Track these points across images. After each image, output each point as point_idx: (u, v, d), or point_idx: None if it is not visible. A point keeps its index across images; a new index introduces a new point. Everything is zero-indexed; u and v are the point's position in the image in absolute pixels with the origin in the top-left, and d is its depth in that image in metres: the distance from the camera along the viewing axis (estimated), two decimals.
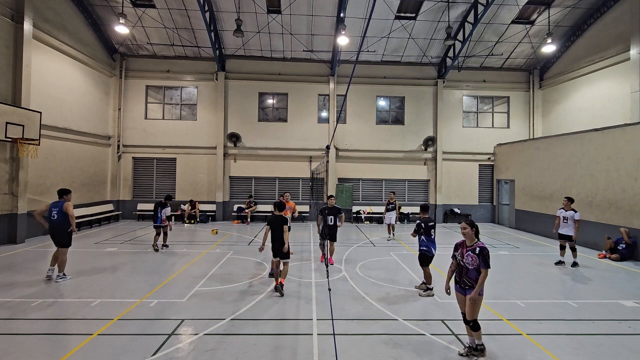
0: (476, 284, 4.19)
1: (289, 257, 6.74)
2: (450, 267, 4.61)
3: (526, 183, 15.09)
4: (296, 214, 10.95)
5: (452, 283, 4.60)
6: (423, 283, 6.91)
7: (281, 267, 6.74)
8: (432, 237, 6.74)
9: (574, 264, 8.90)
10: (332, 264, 8.74)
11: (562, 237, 8.97)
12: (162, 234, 10.27)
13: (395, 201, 12.55)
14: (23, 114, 10.44)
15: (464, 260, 4.33)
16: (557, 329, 5.32)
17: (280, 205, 6.87)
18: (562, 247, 9.05)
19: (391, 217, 12.41)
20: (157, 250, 10.05)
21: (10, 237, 10.58)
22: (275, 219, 6.70)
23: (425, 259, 6.69)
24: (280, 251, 6.59)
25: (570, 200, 8.99)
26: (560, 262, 9.07)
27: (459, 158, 17.76)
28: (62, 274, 7.28)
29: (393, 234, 12.54)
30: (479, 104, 18.34)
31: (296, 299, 6.37)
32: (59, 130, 12.90)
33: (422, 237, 6.72)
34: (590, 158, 11.65)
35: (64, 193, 7.52)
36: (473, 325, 4.27)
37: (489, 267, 4.17)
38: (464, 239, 4.41)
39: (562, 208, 9.01)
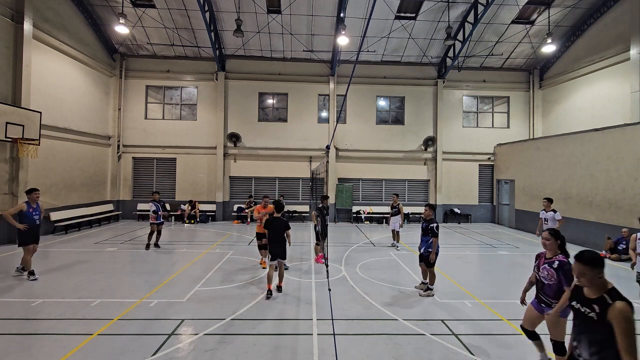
0: (554, 301, 3.75)
1: (286, 257, 6.71)
2: (530, 278, 4.21)
3: (526, 183, 15.09)
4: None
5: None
6: (423, 283, 6.88)
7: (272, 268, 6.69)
8: None
9: None
10: (320, 263, 8.80)
11: None
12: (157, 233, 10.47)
13: (399, 204, 11.12)
14: (23, 114, 10.44)
15: (540, 273, 3.91)
16: None
17: (279, 207, 6.84)
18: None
19: (395, 222, 11.03)
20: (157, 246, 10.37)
21: (10, 237, 10.57)
22: (274, 221, 6.63)
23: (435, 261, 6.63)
24: (281, 253, 6.54)
25: (550, 200, 8.95)
26: None
27: (459, 158, 17.76)
28: (21, 268, 7.43)
29: (396, 243, 11.18)
30: (479, 104, 18.34)
31: (296, 299, 6.37)
32: (59, 130, 12.90)
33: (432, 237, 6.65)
34: (590, 158, 11.65)
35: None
36: (556, 348, 3.75)
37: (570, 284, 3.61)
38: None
39: (543, 209, 8.98)
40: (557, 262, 3.72)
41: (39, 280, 7.19)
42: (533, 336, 4.08)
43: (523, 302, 4.27)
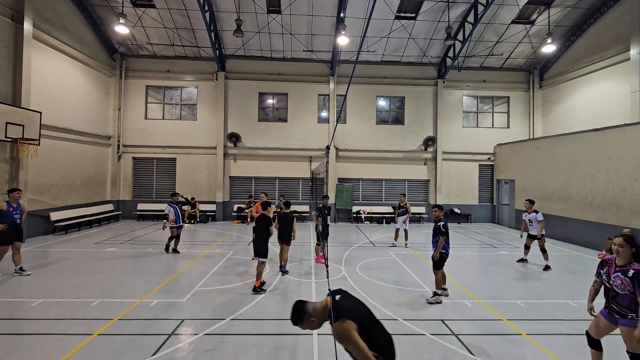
0: (630, 312, 3.47)
1: (266, 257, 6.88)
2: (593, 285, 3.95)
3: (526, 183, 15.09)
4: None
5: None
6: (443, 289, 6.62)
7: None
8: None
9: (546, 268, 8.67)
10: (321, 263, 8.82)
11: (530, 237, 9.10)
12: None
13: (406, 204, 11.32)
14: (23, 114, 10.44)
15: (611, 282, 3.60)
16: (557, 329, 5.32)
17: (264, 204, 7.18)
18: (527, 247, 9.26)
19: (403, 221, 11.34)
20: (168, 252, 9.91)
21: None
22: (260, 218, 6.88)
23: (442, 261, 6.43)
24: (260, 251, 6.77)
25: (531, 202, 9.08)
26: (522, 260, 9.34)
27: (459, 158, 17.76)
28: (19, 268, 7.58)
29: (406, 243, 11.37)
30: (479, 104, 18.34)
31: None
32: (59, 130, 12.90)
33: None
34: (590, 158, 11.65)
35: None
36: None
37: None
38: (611, 255, 3.70)
39: (526, 211, 9.09)
40: (632, 271, 3.46)
41: (39, 280, 7.20)
42: (596, 345, 3.81)
43: (591, 311, 3.96)
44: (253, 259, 8.65)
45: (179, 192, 10.21)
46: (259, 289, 6.67)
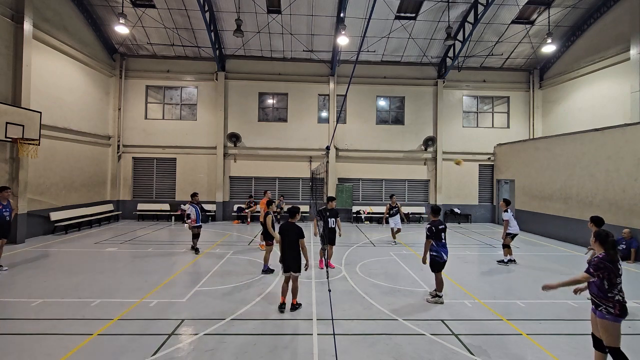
0: (597, 300, 3.70)
1: (300, 271, 5.82)
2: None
3: (526, 183, 15.09)
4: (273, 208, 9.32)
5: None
6: (434, 290, 6.52)
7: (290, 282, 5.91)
8: (443, 241, 6.25)
9: (500, 262, 9.16)
10: (332, 268, 8.53)
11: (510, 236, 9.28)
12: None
13: (397, 204, 11.92)
14: (23, 114, 10.44)
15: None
16: (557, 329, 5.32)
17: (292, 211, 6.00)
18: (506, 246, 9.41)
19: (397, 221, 11.82)
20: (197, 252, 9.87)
21: (10, 237, 10.54)
22: (287, 227, 5.81)
23: (436, 265, 6.28)
24: (294, 265, 5.72)
25: (506, 202, 9.26)
26: (510, 261, 9.37)
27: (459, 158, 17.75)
28: None
29: (393, 240, 11.92)
30: (479, 104, 18.34)
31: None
32: (59, 130, 12.90)
33: (432, 241, 6.28)
34: (590, 158, 11.65)
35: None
36: (614, 355, 3.63)
37: (590, 273, 3.68)
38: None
39: (505, 211, 9.24)
40: (595, 258, 3.78)
41: (39, 280, 7.20)
42: (599, 346, 3.88)
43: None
44: (262, 248, 9.22)
45: (197, 193, 10.13)
46: (298, 305, 5.95)
